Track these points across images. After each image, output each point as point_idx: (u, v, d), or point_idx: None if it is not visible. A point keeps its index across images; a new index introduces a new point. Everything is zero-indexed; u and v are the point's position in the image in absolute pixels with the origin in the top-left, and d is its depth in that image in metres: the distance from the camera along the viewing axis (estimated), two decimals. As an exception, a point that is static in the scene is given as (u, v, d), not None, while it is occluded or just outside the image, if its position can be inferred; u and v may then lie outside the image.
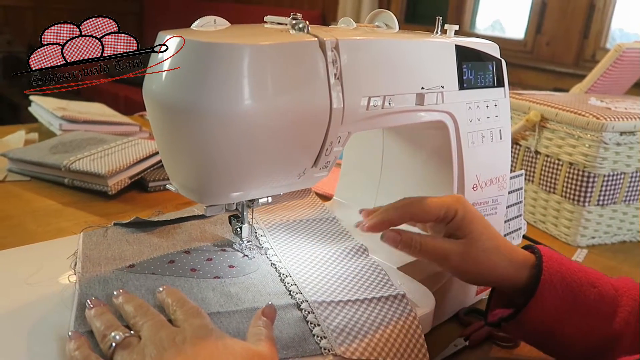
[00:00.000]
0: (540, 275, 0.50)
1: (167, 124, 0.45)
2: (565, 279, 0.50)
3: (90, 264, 0.53)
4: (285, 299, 0.51)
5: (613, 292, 0.50)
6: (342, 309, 0.50)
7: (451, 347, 0.57)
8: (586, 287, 0.50)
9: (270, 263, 0.57)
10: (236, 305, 0.49)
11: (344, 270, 0.57)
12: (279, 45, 0.43)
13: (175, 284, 0.50)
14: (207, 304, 0.48)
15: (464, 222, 0.52)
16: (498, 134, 0.64)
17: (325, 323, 0.48)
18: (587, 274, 0.52)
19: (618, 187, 0.89)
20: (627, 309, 0.49)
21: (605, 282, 0.51)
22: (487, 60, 0.62)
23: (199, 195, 0.48)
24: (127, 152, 0.94)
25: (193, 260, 0.55)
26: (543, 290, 0.50)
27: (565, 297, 0.50)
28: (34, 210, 0.81)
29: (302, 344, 0.46)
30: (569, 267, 0.52)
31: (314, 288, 0.52)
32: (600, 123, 0.84)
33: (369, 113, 0.51)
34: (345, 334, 0.47)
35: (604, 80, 1.12)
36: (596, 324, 0.50)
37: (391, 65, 0.52)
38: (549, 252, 0.53)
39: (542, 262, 0.51)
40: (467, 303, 0.65)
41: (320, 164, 0.51)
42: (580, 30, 2.34)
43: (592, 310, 0.50)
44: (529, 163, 0.97)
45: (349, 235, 0.64)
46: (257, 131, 0.44)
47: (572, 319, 0.50)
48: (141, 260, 0.54)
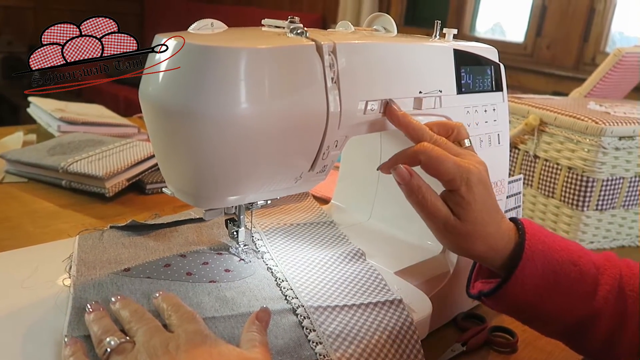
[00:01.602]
0: (522, 254, 0.50)
1: (163, 127, 0.45)
2: (547, 258, 0.51)
3: (85, 267, 0.52)
4: (280, 304, 0.50)
5: (594, 271, 0.51)
6: (338, 314, 0.50)
7: (448, 353, 0.57)
8: (567, 266, 0.51)
9: (266, 267, 0.56)
10: (231, 309, 0.48)
11: (341, 275, 0.56)
12: (275, 49, 0.43)
13: (170, 288, 0.50)
14: (203, 308, 0.48)
15: (461, 204, 0.50)
16: (496, 138, 0.64)
17: (321, 328, 0.48)
18: (570, 251, 0.52)
19: (617, 192, 0.89)
20: (606, 287, 0.50)
21: (586, 260, 0.52)
22: (485, 65, 0.62)
23: (194, 199, 0.48)
24: (125, 154, 0.94)
25: (189, 264, 0.55)
26: (524, 268, 0.50)
27: (546, 276, 0.50)
28: (31, 212, 0.81)
29: (297, 350, 0.45)
30: (551, 245, 0.52)
31: (310, 293, 0.52)
32: (599, 127, 0.84)
33: (367, 117, 0.50)
34: (341, 340, 0.47)
35: (604, 85, 1.12)
36: (576, 302, 0.50)
37: (389, 69, 0.52)
38: (533, 229, 0.53)
39: (525, 240, 0.51)
40: (464, 308, 0.65)
41: (318, 167, 0.51)
42: (580, 33, 2.34)
43: (573, 288, 0.50)
44: (527, 167, 0.97)
45: (346, 240, 0.64)
46: (254, 135, 0.44)
47: (552, 297, 0.50)
48: (137, 264, 0.54)
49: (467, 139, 0.54)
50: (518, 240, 0.51)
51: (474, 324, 0.63)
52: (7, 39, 3.51)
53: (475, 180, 0.50)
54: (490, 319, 0.64)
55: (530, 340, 0.62)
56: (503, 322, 0.64)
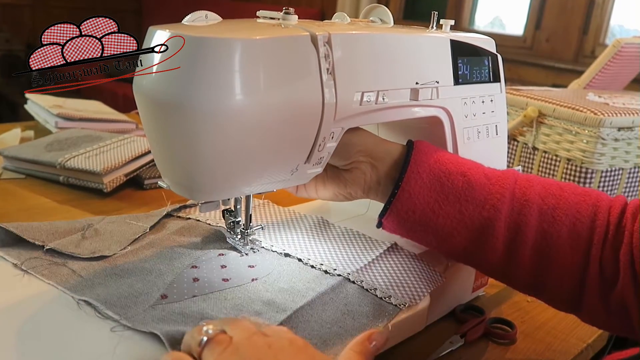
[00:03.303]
0: (407, 166, 0.52)
1: (157, 120, 0.45)
2: (433, 169, 0.52)
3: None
4: (330, 280, 0.52)
5: (484, 180, 0.52)
6: (377, 267, 0.55)
7: (447, 345, 0.57)
8: (454, 176, 0.52)
9: (282, 254, 0.56)
10: (294, 301, 0.48)
11: (341, 244, 0.59)
12: (270, 40, 0.43)
13: (227, 298, 0.48)
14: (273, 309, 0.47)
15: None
16: (494, 129, 0.64)
17: (379, 283, 0.52)
18: (459, 164, 0.53)
19: (616, 183, 0.89)
20: (496, 196, 0.51)
21: (477, 171, 0.53)
22: (482, 55, 0.62)
23: (190, 191, 0.47)
24: (122, 149, 0.94)
25: (209, 272, 0.52)
26: (409, 180, 0.52)
27: (432, 186, 0.52)
28: (29, 208, 0.81)
29: (382, 308, 0.49)
30: (439, 159, 0.53)
31: (338, 262, 0.55)
32: (598, 119, 0.83)
33: (362, 108, 0.50)
34: (397, 286, 0.52)
35: (603, 76, 1.12)
36: (467, 212, 0.51)
37: (385, 60, 0.51)
38: (424, 146, 0.54)
39: (411, 156, 0.53)
40: (463, 300, 0.65)
41: (313, 160, 0.50)
42: (579, 26, 2.34)
43: (461, 197, 0.52)
44: (526, 159, 0.97)
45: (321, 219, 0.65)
46: (249, 127, 0.43)
47: (442, 208, 0.52)
48: (169, 288, 0.49)
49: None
50: (405, 157, 0.53)
51: (472, 316, 0.62)
52: (5, 37, 3.49)
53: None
54: (489, 311, 0.64)
55: (529, 331, 0.62)
56: (502, 314, 0.64)
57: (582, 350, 0.60)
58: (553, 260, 0.50)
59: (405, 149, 0.55)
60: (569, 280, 0.50)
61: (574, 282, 0.50)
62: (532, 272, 0.51)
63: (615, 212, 0.50)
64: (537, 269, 0.51)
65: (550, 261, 0.50)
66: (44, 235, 0.56)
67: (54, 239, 0.55)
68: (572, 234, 0.50)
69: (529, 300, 0.67)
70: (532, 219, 0.51)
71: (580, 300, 0.51)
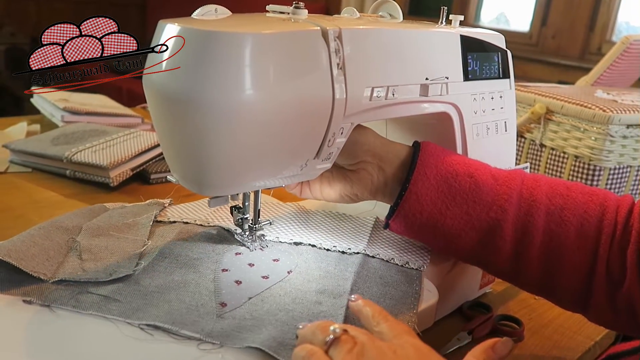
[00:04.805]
0: (414, 168, 0.52)
1: (167, 114, 0.45)
2: (440, 170, 0.52)
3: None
4: (353, 258, 0.54)
5: (491, 181, 0.52)
6: (378, 240, 0.58)
7: (454, 341, 0.57)
8: (462, 177, 0.52)
9: (291, 244, 0.57)
10: (341, 288, 0.49)
11: (345, 223, 0.63)
12: (280, 35, 0.43)
13: (281, 294, 0.48)
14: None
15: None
16: (503, 126, 0.63)
17: (398, 257, 0.55)
18: (468, 166, 0.53)
19: (624, 181, 0.88)
20: (503, 197, 0.51)
21: (484, 172, 0.53)
22: (492, 51, 0.61)
23: (199, 186, 0.47)
24: (129, 143, 0.94)
25: (243, 272, 0.51)
26: (416, 181, 0.52)
27: (439, 187, 0.52)
28: (35, 202, 0.81)
29: (408, 276, 0.53)
30: (446, 160, 0.53)
31: (347, 241, 0.58)
32: (607, 116, 0.83)
33: (372, 104, 0.50)
34: (405, 253, 0.56)
35: (611, 73, 1.11)
36: (474, 213, 0.51)
37: (395, 55, 0.51)
38: (431, 147, 0.54)
39: (418, 157, 0.53)
40: (470, 296, 0.65)
41: (323, 155, 0.50)
42: (586, 23, 2.32)
43: (469, 198, 0.51)
44: (534, 156, 0.96)
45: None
46: (259, 122, 0.43)
47: (449, 209, 0.52)
48: (222, 296, 0.48)
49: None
50: (412, 158, 0.53)
51: (480, 312, 0.62)
52: (10, 31, 3.49)
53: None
54: (497, 308, 0.64)
55: (537, 329, 0.61)
56: (509, 311, 0.64)
57: (589, 347, 0.60)
58: (561, 261, 0.50)
59: (412, 151, 0.55)
60: (576, 280, 0.50)
61: (581, 282, 0.50)
62: (540, 272, 0.51)
63: (622, 211, 0.50)
64: (545, 269, 0.51)
65: (558, 262, 0.50)
66: (39, 264, 0.49)
67: (50, 266, 0.49)
68: (579, 234, 0.50)
69: (536, 298, 0.66)
70: (539, 219, 0.50)
71: (587, 299, 0.51)
